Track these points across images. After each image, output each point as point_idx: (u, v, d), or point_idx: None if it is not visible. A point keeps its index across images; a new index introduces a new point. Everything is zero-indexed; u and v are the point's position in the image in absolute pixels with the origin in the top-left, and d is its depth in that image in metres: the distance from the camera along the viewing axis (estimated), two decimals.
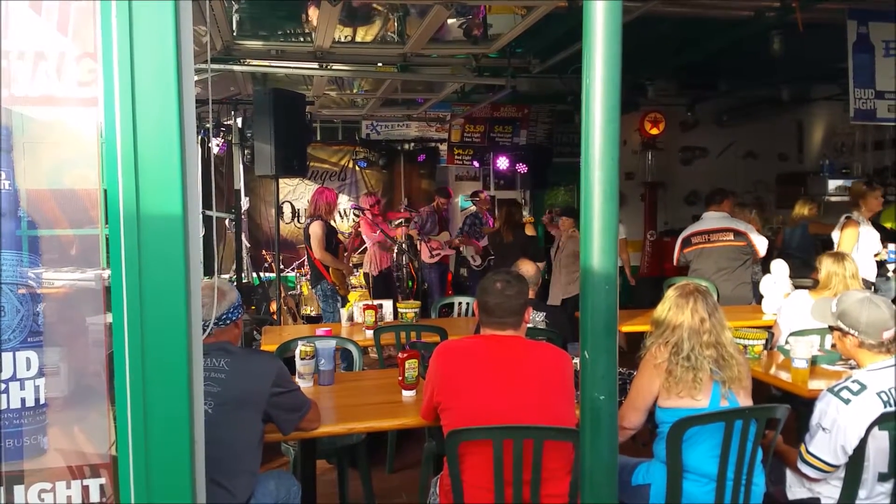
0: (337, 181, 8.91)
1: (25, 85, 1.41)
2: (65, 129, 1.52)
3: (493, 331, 2.33)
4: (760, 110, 8.67)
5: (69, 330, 1.58)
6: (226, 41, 4.56)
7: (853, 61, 4.90)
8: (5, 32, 1.37)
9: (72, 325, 1.58)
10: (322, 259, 5.21)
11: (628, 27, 4.84)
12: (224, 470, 2.10)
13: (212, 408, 2.13)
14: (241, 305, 2.39)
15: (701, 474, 2.26)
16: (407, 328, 3.90)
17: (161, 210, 1.40)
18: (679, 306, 2.38)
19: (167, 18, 1.37)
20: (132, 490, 1.39)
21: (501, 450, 2.06)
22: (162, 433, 1.40)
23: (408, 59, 5.17)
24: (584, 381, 1.39)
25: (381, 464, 3.88)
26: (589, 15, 1.34)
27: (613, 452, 1.40)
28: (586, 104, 1.36)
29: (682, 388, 2.27)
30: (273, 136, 4.55)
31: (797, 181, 9.08)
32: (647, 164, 9.11)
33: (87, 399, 1.57)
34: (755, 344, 3.26)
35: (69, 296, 1.55)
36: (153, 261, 1.39)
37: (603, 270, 1.37)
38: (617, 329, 1.39)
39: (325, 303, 5.35)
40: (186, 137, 1.44)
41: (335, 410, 2.72)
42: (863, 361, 2.36)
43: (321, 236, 5.17)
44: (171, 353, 1.41)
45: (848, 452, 2.22)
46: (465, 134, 8.46)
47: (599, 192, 1.37)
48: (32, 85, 1.41)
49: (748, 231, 5.23)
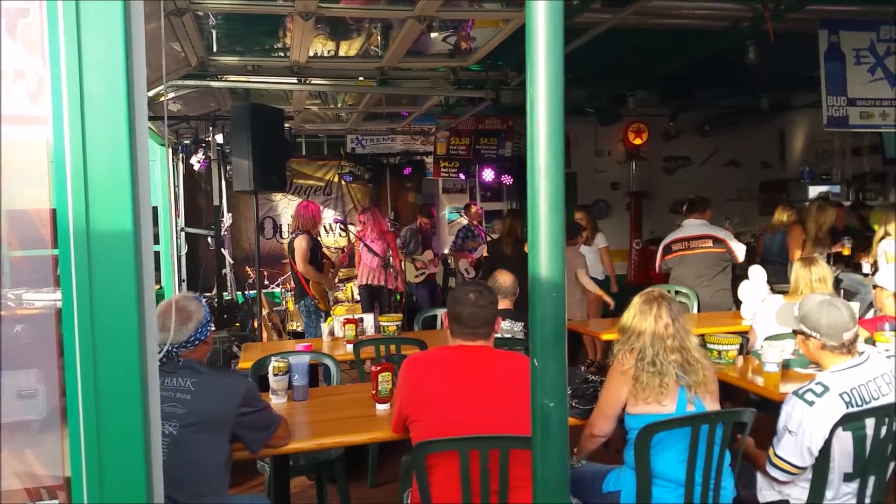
0: (322, 196, 8.92)
1: None
2: (16, 147, 1.52)
3: (464, 341, 2.33)
4: (742, 119, 8.76)
5: (47, 351, 1.57)
6: (200, 57, 4.58)
7: (825, 70, 4.98)
8: None
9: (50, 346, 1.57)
10: (305, 272, 5.21)
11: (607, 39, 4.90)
12: (189, 492, 2.08)
13: (176, 429, 2.11)
14: (209, 322, 2.38)
15: (669, 479, 2.26)
16: (387, 341, 3.89)
17: (112, 228, 1.39)
18: (643, 312, 2.40)
19: (116, 35, 1.36)
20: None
21: (468, 460, 2.06)
22: (116, 454, 1.38)
23: (386, 72, 5.21)
24: (534, 389, 1.39)
25: (365, 478, 3.86)
26: (531, 21, 1.36)
27: (564, 460, 1.41)
28: (530, 115, 1.38)
29: (649, 394, 2.29)
30: (251, 151, 4.54)
31: (779, 188, 9.18)
32: (631, 173, 9.18)
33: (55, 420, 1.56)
34: (729, 349, 3.28)
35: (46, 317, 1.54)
36: (104, 280, 1.38)
37: (550, 279, 1.38)
38: (566, 336, 1.40)
39: (308, 318, 5.34)
40: (138, 154, 1.44)
41: (308, 426, 2.71)
42: (826, 363, 2.38)
43: (305, 249, 5.17)
44: (125, 372, 1.39)
45: (814, 454, 2.24)
46: (451, 146, 8.50)
47: (545, 202, 1.39)
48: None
49: (727, 238, 5.28)
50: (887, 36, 5.03)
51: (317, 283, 5.36)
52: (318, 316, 5.30)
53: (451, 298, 2.39)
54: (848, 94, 4.99)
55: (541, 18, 1.35)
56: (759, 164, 9.80)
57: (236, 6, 3.87)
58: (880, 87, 5.06)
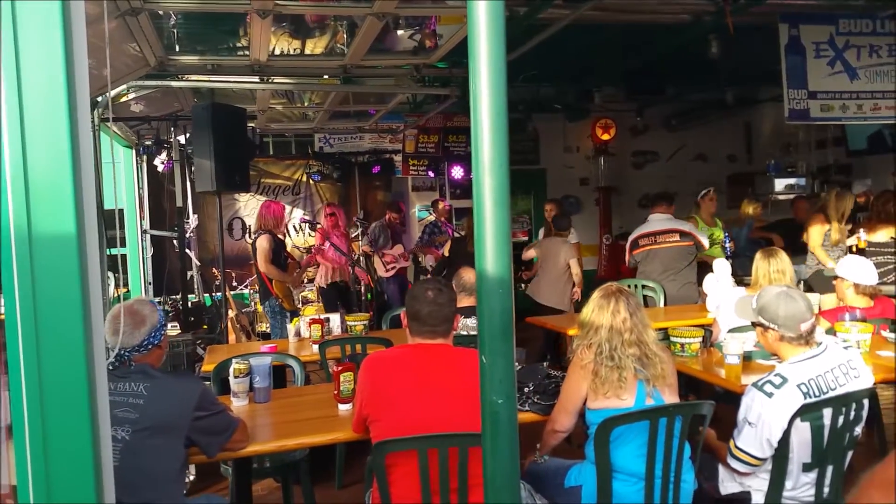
0: (291, 195, 8.83)
1: None
2: None
3: (423, 339, 2.31)
4: (708, 113, 8.86)
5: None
6: (159, 57, 4.49)
7: (786, 63, 5.06)
8: None
9: None
10: (267, 272, 5.18)
11: (572, 35, 4.89)
12: (144, 497, 2.05)
13: (129, 434, 2.08)
14: (163, 326, 2.34)
15: (630, 473, 2.27)
16: (352, 341, 3.86)
17: (54, 232, 1.36)
18: (601, 307, 2.40)
19: (55, 36, 1.34)
20: None
21: (427, 459, 2.05)
22: (64, 461, 1.37)
23: (349, 70, 5.16)
24: (483, 386, 1.38)
25: (333, 479, 3.82)
26: (473, 19, 1.34)
27: (514, 457, 1.40)
28: (474, 111, 1.35)
29: (609, 388, 2.29)
30: (213, 151, 4.47)
31: (746, 181, 9.30)
32: (600, 169, 9.23)
33: None
34: (692, 342, 3.30)
35: None
36: (48, 286, 1.36)
37: (497, 275, 1.37)
38: (513, 332, 1.39)
39: (274, 318, 5.29)
40: (81, 156, 1.41)
41: (270, 427, 2.67)
42: (784, 355, 2.40)
43: (267, 249, 5.13)
44: (70, 378, 1.37)
45: (773, 445, 2.26)
46: (420, 144, 8.49)
47: (490, 197, 1.36)
48: None
49: (693, 231, 5.33)
50: (846, 29, 5.12)
51: (280, 283, 5.32)
52: (284, 316, 5.26)
53: (409, 296, 2.37)
54: (808, 87, 5.07)
55: (482, 14, 1.33)
56: (726, 158, 9.94)
57: (191, 4, 3.80)
58: (840, 79, 5.15)
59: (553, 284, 5.88)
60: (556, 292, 5.87)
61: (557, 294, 5.87)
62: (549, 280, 5.92)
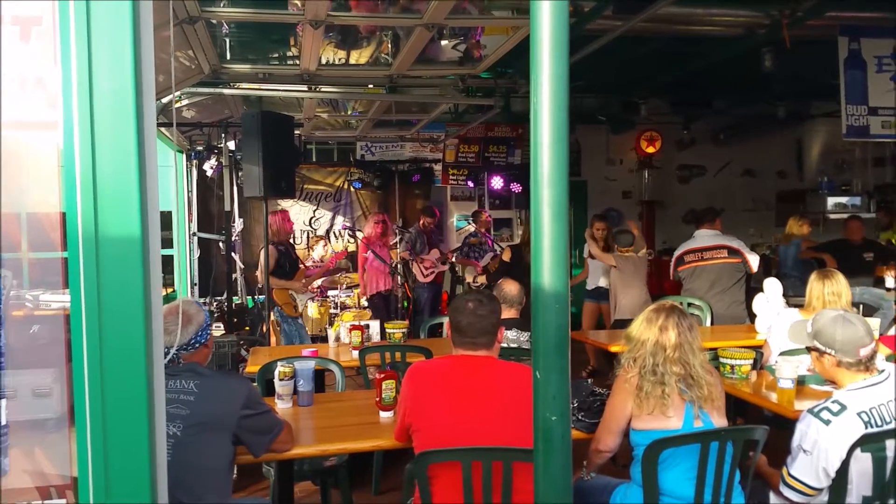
0: (332, 202, 8.93)
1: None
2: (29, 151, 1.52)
3: (466, 351, 2.30)
4: (758, 128, 8.67)
5: (61, 352, 1.57)
6: (213, 65, 4.60)
7: (845, 77, 4.90)
8: None
9: (63, 346, 1.57)
10: (271, 284, 5.35)
11: (619, 46, 4.84)
12: (192, 493, 2.08)
13: (180, 430, 2.12)
14: (209, 326, 2.38)
15: (677, 497, 2.21)
16: (392, 349, 3.86)
17: (120, 233, 1.39)
18: (649, 321, 2.35)
19: (125, 42, 1.37)
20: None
21: (470, 471, 2.03)
22: (122, 455, 1.39)
23: (395, 80, 5.20)
24: (537, 402, 1.36)
25: (368, 485, 3.83)
26: (536, 29, 1.33)
27: (567, 473, 1.37)
28: (534, 121, 1.34)
29: (653, 405, 2.23)
30: (261, 157, 4.56)
31: (796, 199, 9.06)
32: (643, 182, 9.11)
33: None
34: (742, 364, 3.20)
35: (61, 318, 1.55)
36: (112, 284, 1.38)
37: (553, 289, 1.34)
38: (569, 348, 1.36)
39: (284, 324, 5.40)
40: (147, 160, 1.44)
41: (312, 431, 2.69)
42: (842, 381, 2.31)
43: (264, 263, 5.30)
44: (131, 374, 1.39)
45: (830, 475, 2.17)
46: (460, 154, 8.50)
47: (548, 210, 1.35)
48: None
49: (741, 248, 5.19)
50: None
51: (280, 291, 5.44)
52: (286, 322, 5.39)
53: (451, 308, 2.38)
54: (869, 102, 4.90)
55: (545, 26, 1.32)
56: (775, 174, 9.70)
57: (247, 14, 3.88)
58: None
59: (635, 303, 5.72)
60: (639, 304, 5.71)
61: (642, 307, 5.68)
62: (631, 297, 5.79)
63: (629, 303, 5.71)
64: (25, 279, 1.56)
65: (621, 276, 5.81)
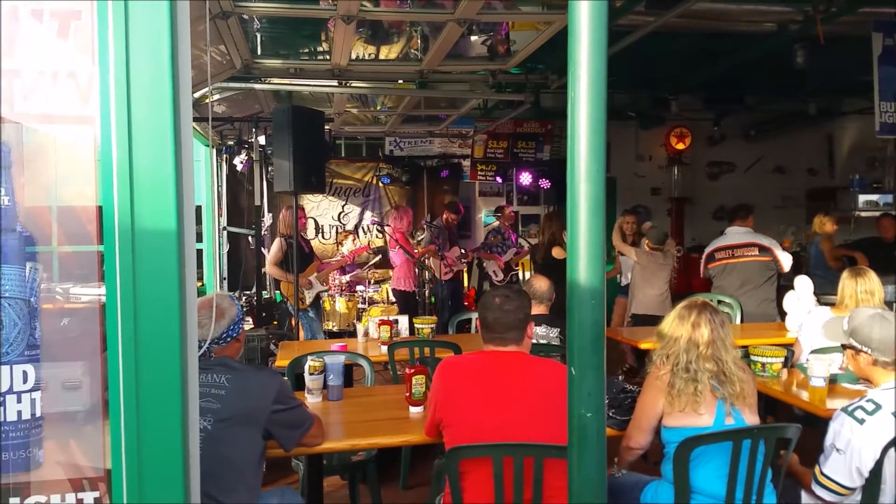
0: (361, 197, 8.99)
1: (24, 102, 1.44)
2: (63, 145, 1.54)
3: (495, 347, 2.31)
4: (789, 124, 8.53)
5: (92, 344, 1.59)
6: (245, 60, 4.65)
7: (879, 74, 4.81)
8: (5, 50, 1.41)
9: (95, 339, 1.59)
10: (270, 273, 5.65)
11: (649, 41, 4.81)
12: (223, 486, 2.10)
13: (211, 424, 2.13)
14: (241, 320, 2.40)
15: (708, 495, 2.19)
16: (421, 344, 3.88)
17: (156, 226, 1.40)
18: (682, 318, 2.33)
19: (163, 37, 1.38)
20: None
21: (501, 467, 2.04)
22: (155, 449, 1.40)
23: (425, 75, 5.21)
24: (571, 398, 1.36)
25: (396, 480, 3.85)
26: (574, 24, 1.33)
27: (602, 470, 1.38)
28: (571, 115, 1.34)
29: (685, 402, 2.22)
30: (292, 152, 4.60)
31: (827, 196, 8.88)
32: (673, 179, 9.02)
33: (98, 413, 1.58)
34: (773, 362, 3.17)
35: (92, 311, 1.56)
36: (148, 277, 1.39)
37: (589, 285, 1.35)
38: (604, 345, 1.37)
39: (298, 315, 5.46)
40: (183, 154, 1.45)
41: (342, 426, 2.71)
42: (877, 380, 2.28)
43: (276, 251, 5.56)
44: (166, 368, 1.41)
45: (864, 474, 2.14)
46: (489, 150, 8.48)
47: (586, 205, 1.35)
48: (32, 102, 1.44)
49: (773, 246, 5.12)
50: None
51: (287, 284, 5.58)
52: (299, 314, 5.50)
53: (480, 304, 2.40)
54: None
55: (584, 19, 1.32)
56: (805, 171, 9.53)
57: (280, 10, 3.92)
58: None
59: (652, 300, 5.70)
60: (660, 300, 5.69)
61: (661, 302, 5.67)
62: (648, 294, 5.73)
63: (644, 299, 5.68)
64: (56, 272, 1.57)
65: (643, 273, 5.77)
